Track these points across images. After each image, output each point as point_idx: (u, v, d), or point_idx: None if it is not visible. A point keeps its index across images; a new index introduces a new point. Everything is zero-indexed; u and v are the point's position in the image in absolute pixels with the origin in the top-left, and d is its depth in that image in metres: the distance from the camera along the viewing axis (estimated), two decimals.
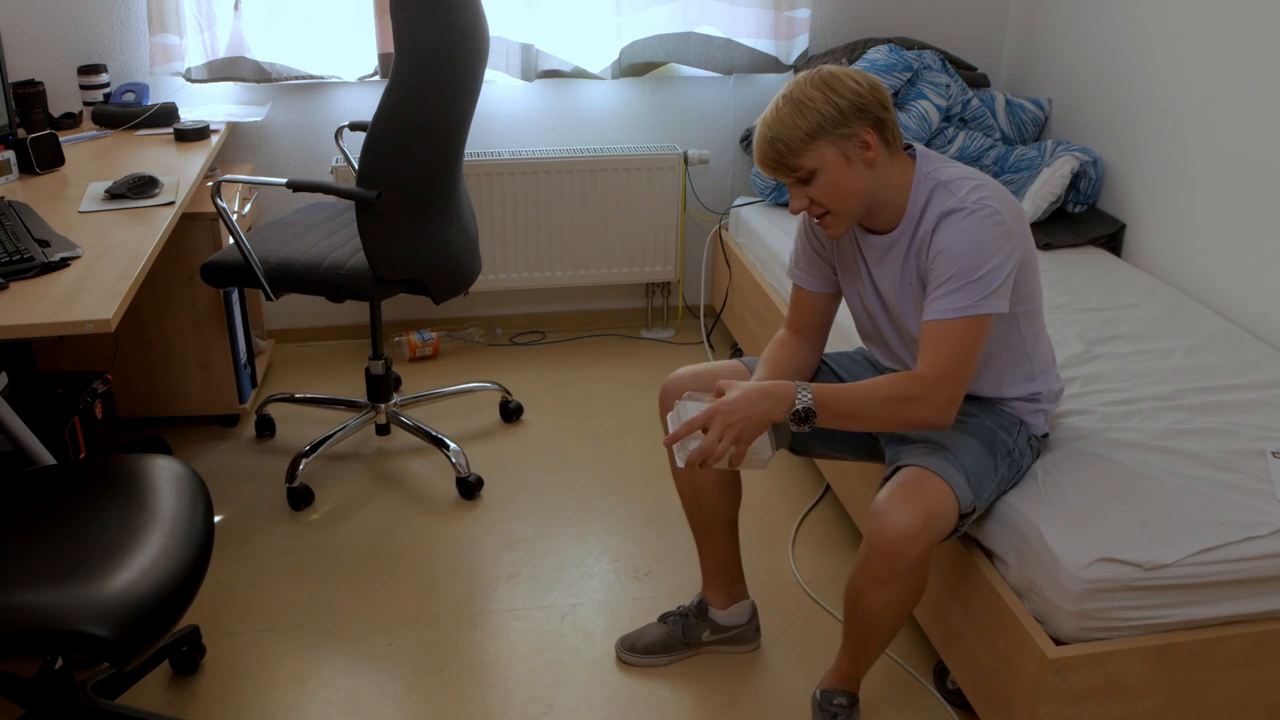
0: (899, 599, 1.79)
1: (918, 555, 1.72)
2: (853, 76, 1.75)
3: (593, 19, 3.33)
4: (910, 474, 1.77)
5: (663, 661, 2.20)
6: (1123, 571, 1.70)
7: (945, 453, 1.81)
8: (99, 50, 3.18)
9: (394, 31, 2.30)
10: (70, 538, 1.62)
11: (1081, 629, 1.73)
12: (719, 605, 2.19)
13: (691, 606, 2.21)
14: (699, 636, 2.20)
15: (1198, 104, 2.73)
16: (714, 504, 2.11)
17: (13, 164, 2.53)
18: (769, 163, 1.77)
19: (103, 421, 2.61)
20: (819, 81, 1.74)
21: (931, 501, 1.73)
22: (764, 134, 1.75)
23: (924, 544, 1.72)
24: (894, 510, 1.72)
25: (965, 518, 1.79)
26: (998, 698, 1.86)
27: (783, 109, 1.74)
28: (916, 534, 1.71)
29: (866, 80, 1.75)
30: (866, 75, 1.76)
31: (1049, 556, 1.74)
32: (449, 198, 2.60)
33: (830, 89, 1.73)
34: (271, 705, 2.09)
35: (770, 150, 1.75)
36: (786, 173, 1.76)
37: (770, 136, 1.74)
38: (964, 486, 1.77)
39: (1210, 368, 2.33)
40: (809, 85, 1.74)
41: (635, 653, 2.20)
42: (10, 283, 1.88)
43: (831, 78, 1.74)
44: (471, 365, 3.51)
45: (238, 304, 3.01)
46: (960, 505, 1.76)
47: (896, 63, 3.23)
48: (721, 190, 3.70)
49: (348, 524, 2.66)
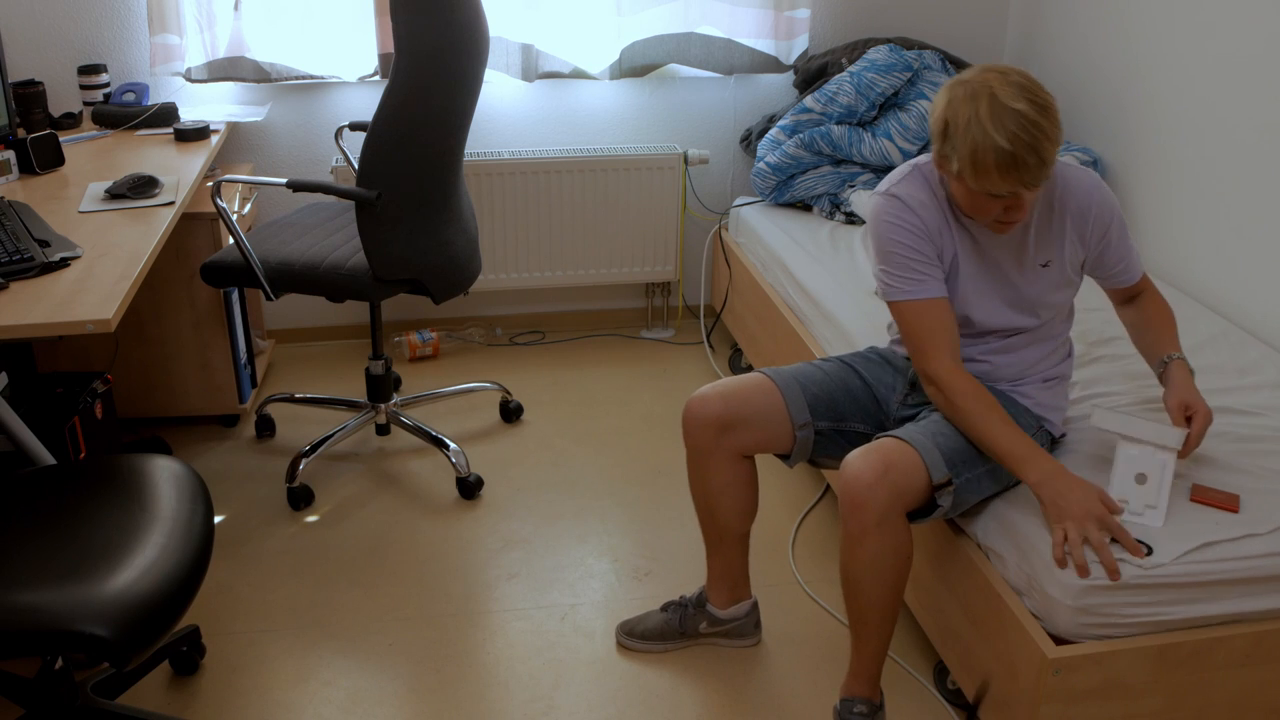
0: (878, 558, 1.79)
1: (884, 506, 1.76)
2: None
3: (593, 19, 3.33)
4: (879, 440, 1.84)
5: (658, 649, 2.20)
6: (1121, 569, 1.70)
7: (926, 430, 1.84)
8: (99, 50, 3.18)
9: (394, 31, 2.30)
10: (70, 538, 1.62)
11: (1081, 625, 1.73)
12: (720, 605, 2.20)
13: (692, 598, 2.22)
14: (696, 628, 2.20)
15: (1198, 104, 2.73)
16: (727, 517, 2.09)
17: (13, 164, 2.53)
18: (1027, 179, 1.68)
19: (103, 421, 2.61)
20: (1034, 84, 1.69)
21: (893, 457, 1.78)
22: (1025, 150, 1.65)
23: (887, 494, 1.75)
24: (855, 461, 1.79)
25: (941, 489, 1.80)
26: (998, 698, 1.86)
27: (1037, 118, 1.66)
28: (875, 481, 1.75)
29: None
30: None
31: (1049, 554, 1.74)
32: (449, 198, 2.60)
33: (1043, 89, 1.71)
34: (271, 705, 2.09)
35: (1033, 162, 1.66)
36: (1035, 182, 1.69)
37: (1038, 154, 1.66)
38: (934, 455, 1.79)
39: (1211, 368, 2.33)
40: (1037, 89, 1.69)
41: (633, 637, 2.22)
42: (10, 283, 1.88)
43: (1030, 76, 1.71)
44: (471, 365, 3.51)
45: (238, 304, 3.01)
46: (930, 473, 1.78)
47: (896, 63, 3.23)
48: (721, 190, 3.70)
49: (347, 524, 2.66)
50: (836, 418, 2.02)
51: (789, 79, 3.56)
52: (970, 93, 1.70)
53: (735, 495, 2.06)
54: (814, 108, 3.28)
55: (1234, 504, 1.83)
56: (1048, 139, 1.66)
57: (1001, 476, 1.89)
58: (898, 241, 1.87)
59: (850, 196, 3.24)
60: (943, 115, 1.73)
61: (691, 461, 2.06)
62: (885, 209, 1.88)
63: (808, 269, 2.91)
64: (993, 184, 1.69)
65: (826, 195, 3.32)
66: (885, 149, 3.24)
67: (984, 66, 1.74)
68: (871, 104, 3.25)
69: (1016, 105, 1.66)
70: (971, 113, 1.68)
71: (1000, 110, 1.66)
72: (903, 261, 1.87)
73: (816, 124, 3.29)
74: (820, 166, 3.31)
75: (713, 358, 3.57)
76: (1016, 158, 1.65)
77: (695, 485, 2.09)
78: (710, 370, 3.48)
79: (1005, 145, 1.65)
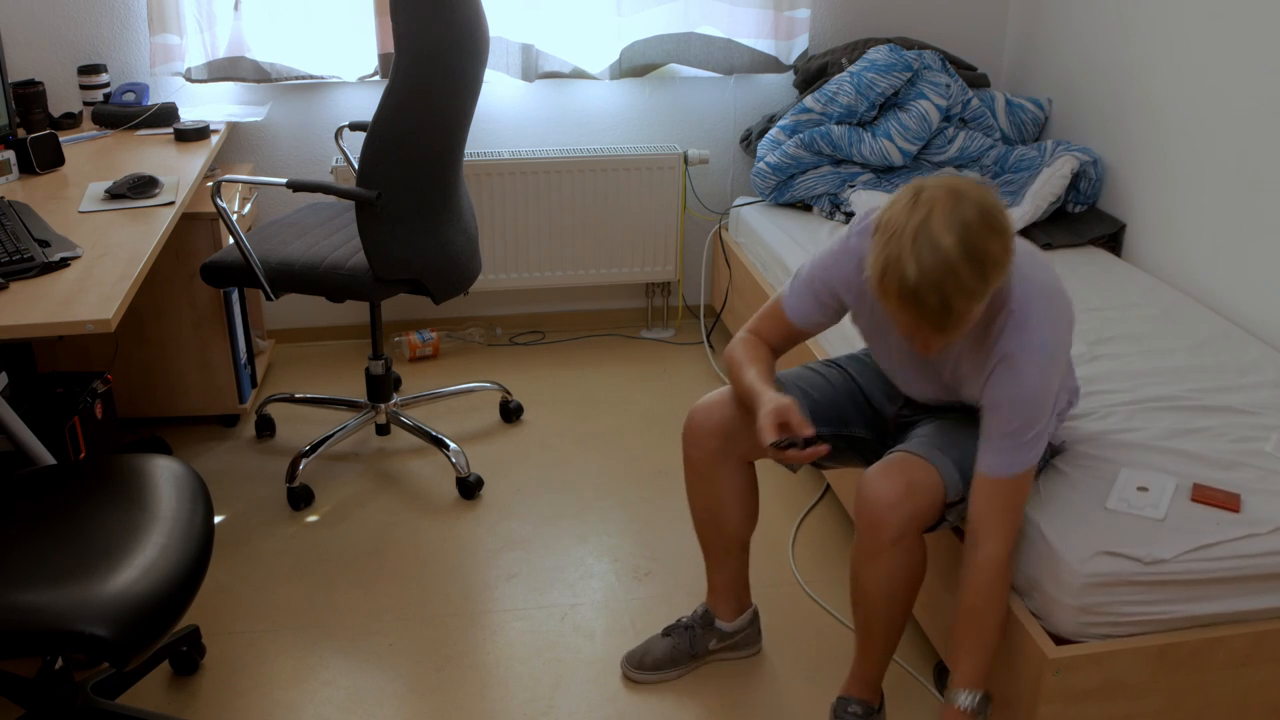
0: (891, 576, 1.79)
1: (902, 526, 1.74)
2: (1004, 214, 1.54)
3: (593, 19, 3.33)
4: (899, 455, 1.81)
5: (673, 676, 2.17)
6: (1123, 565, 1.71)
7: (942, 443, 1.83)
8: (99, 50, 3.18)
9: (394, 31, 2.30)
10: (70, 538, 1.62)
11: (1082, 624, 1.73)
12: (727, 618, 2.17)
13: (697, 618, 2.18)
14: (706, 647, 2.17)
15: (1198, 104, 2.73)
16: (735, 526, 2.07)
17: (13, 164, 2.53)
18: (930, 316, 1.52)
19: (103, 421, 2.61)
20: (988, 227, 1.51)
21: (915, 476, 1.76)
22: (928, 289, 1.50)
23: (907, 514, 1.74)
24: (876, 480, 1.77)
25: (952, 507, 1.81)
26: (998, 698, 1.86)
27: (956, 262, 1.48)
28: (898, 502, 1.74)
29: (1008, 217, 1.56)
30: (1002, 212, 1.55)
31: (1049, 552, 1.75)
32: (449, 198, 2.60)
33: (1001, 237, 1.52)
34: (271, 705, 2.09)
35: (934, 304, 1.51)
36: (942, 334, 1.55)
37: (942, 298, 1.50)
38: (953, 475, 1.79)
39: (1212, 368, 2.33)
40: (984, 233, 1.50)
41: (645, 670, 2.16)
42: (10, 283, 1.88)
43: (995, 218, 1.52)
44: (471, 365, 3.51)
45: (238, 304, 3.01)
46: (947, 492, 1.78)
47: (896, 62, 3.23)
48: (721, 190, 3.70)
49: (347, 524, 2.66)
50: (840, 424, 2.01)
51: (789, 79, 3.56)
52: (915, 202, 1.54)
53: (742, 503, 2.05)
54: (814, 107, 3.29)
55: (1235, 503, 1.83)
56: (959, 288, 1.49)
57: None
58: (819, 276, 1.85)
59: (850, 196, 3.24)
60: (884, 213, 1.58)
61: (693, 473, 2.04)
62: (839, 248, 1.83)
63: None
64: (891, 309, 1.56)
65: (826, 195, 3.32)
66: (885, 149, 3.24)
67: (957, 179, 1.56)
68: (871, 104, 3.25)
69: (944, 240, 1.49)
70: (902, 225, 1.52)
71: (926, 237, 1.50)
72: (806, 286, 1.87)
73: (816, 124, 3.29)
74: (820, 166, 3.31)
75: (713, 358, 3.57)
76: (918, 293, 1.50)
77: (697, 499, 2.06)
78: (710, 370, 3.48)
79: (910, 276, 1.50)
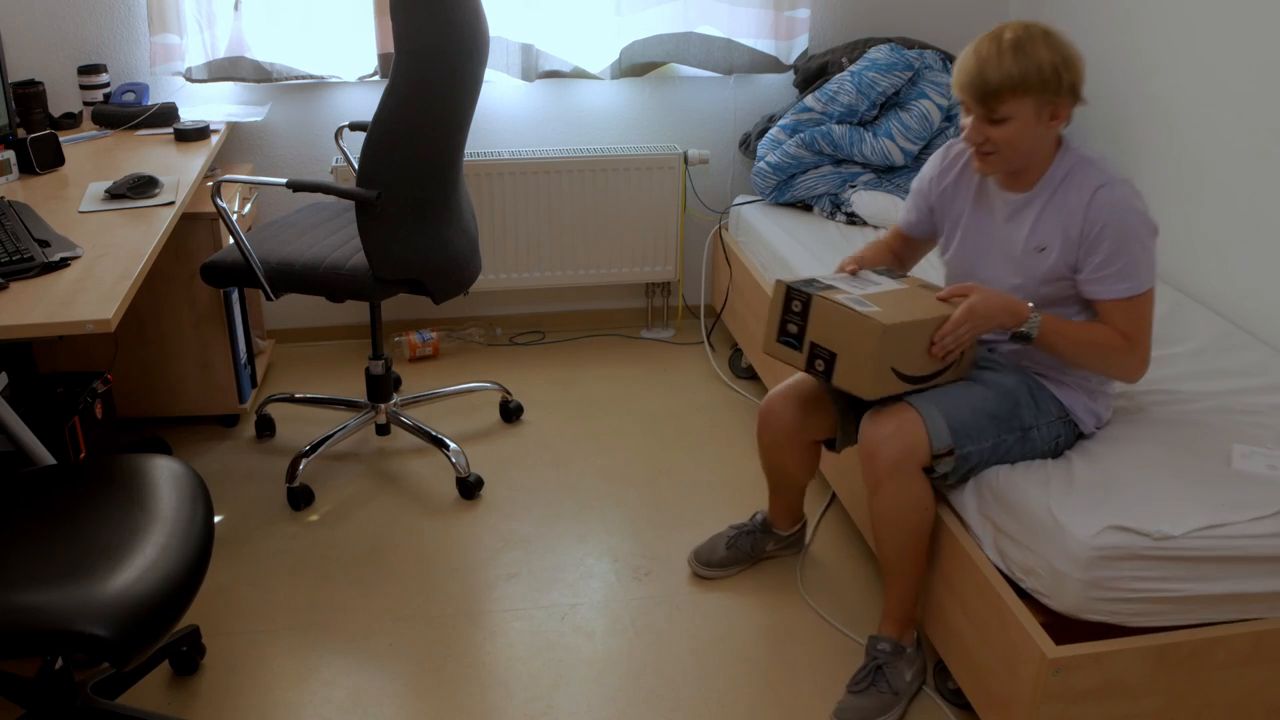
0: (896, 504, 1.95)
1: (895, 456, 1.93)
2: (1071, 45, 1.84)
3: (593, 19, 3.33)
4: (891, 404, 1.99)
5: (734, 572, 2.47)
6: (1132, 540, 1.73)
7: (934, 398, 1.97)
8: (99, 50, 3.18)
9: (394, 31, 2.30)
10: (70, 538, 1.62)
11: (1089, 600, 1.74)
12: (783, 527, 2.47)
13: (756, 524, 2.47)
14: (764, 548, 2.48)
15: (1198, 104, 2.73)
16: (797, 481, 2.35)
17: (13, 164, 2.53)
18: (972, 92, 1.85)
19: (103, 421, 2.61)
20: (1044, 36, 1.82)
21: (903, 417, 1.94)
22: (975, 64, 1.83)
23: (898, 447, 1.92)
24: (869, 422, 1.99)
25: (942, 457, 1.93)
26: (998, 698, 1.86)
27: (1005, 48, 1.81)
28: (888, 437, 1.93)
29: (1077, 53, 1.85)
30: (1074, 47, 1.85)
31: (1057, 528, 1.77)
32: (449, 198, 2.60)
33: (1055, 50, 1.82)
34: (271, 705, 2.09)
35: (978, 81, 1.82)
36: (982, 108, 1.85)
37: (982, 70, 1.82)
38: (939, 426, 1.93)
39: (1214, 371, 2.33)
40: (1038, 37, 1.82)
41: (711, 567, 2.45)
42: (10, 283, 1.88)
43: (1056, 39, 1.83)
44: (471, 365, 3.51)
45: (238, 304, 3.01)
46: (932, 440, 1.92)
47: (897, 62, 3.23)
48: (721, 190, 3.70)
49: (347, 524, 2.66)
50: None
51: (789, 79, 3.56)
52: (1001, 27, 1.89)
53: (806, 470, 2.32)
54: (815, 107, 3.28)
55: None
56: (996, 66, 1.81)
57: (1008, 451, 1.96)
58: (914, 186, 2.20)
59: (851, 196, 3.24)
60: None
61: (765, 451, 2.30)
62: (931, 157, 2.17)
63: (809, 269, 2.91)
64: (956, 88, 1.89)
65: (827, 195, 3.32)
66: (886, 149, 3.24)
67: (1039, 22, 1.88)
68: (872, 103, 3.25)
69: (1004, 35, 1.83)
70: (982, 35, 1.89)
71: (991, 35, 1.85)
72: (909, 197, 2.23)
73: (817, 123, 3.29)
74: (821, 166, 3.31)
75: (713, 358, 3.57)
76: (966, 68, 1.85)
77: (768, 461, 2.32)
78: (710, 370, 3.48)
79: (969, 55, 1.86)
